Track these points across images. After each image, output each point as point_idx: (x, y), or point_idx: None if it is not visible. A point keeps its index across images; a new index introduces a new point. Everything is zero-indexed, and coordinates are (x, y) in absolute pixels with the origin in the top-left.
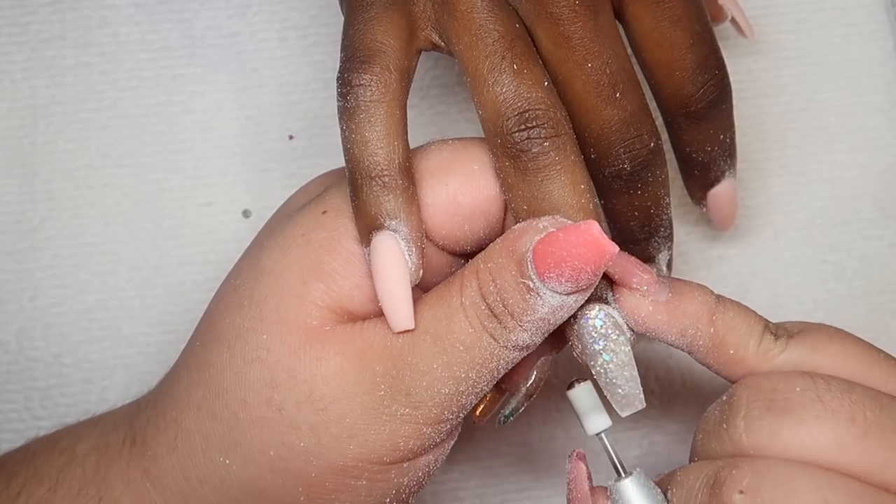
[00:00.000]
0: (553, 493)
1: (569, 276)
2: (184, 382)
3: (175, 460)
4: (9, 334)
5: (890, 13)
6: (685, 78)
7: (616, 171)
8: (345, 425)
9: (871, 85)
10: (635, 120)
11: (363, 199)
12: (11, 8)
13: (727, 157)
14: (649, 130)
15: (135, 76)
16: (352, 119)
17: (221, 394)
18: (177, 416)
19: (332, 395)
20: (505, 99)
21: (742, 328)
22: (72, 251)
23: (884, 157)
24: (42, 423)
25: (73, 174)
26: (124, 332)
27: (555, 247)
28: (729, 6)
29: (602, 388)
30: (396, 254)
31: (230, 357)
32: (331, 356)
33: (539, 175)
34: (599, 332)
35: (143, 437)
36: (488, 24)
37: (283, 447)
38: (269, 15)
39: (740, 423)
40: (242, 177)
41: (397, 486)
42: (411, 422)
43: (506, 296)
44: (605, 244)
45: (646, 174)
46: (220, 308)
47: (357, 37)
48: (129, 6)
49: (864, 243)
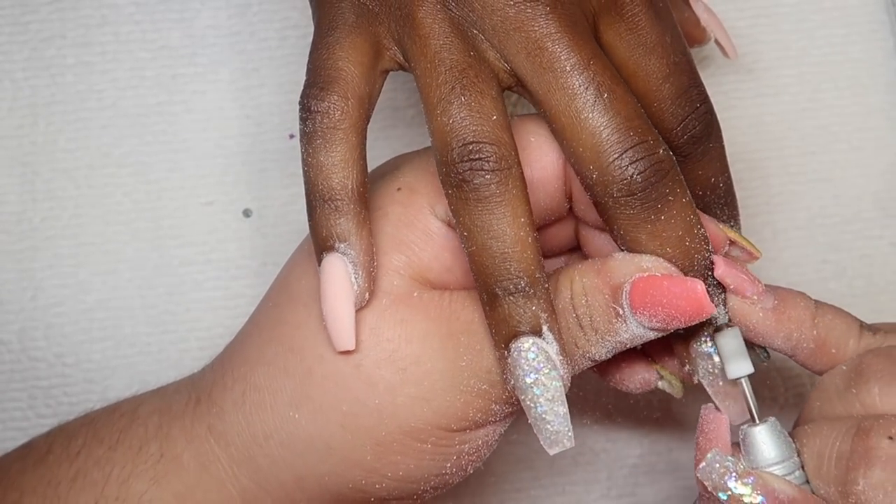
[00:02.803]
0: (553, 492)
1: (661, 319)
2: (255, 341)
3: (241, 416)
4: (11, 334)
5: (890, 13)
6: (664, 109)
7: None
8: (422, 388)
9: (871, 85)
10: (633, 124)
11: (316, 220)
12: (12, 7)
13: (724, 206)
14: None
15: (135, 75)
16: (310, 143)
17: (297, 350)
18: (246, 372)
19: (413, 357)
20: (451, 129)
21: (841, 328)
22: (72, 251)
23: (884, 157)
24: (45, 420)
25: (73, 173)
26: (125, 332)
27: (656, 290)
28: (712, 27)
29: (531, 423)
30: (342, 276)
31: (307, 315)
32: (418, 320)
33: (479, 206)
34: (532, 364)
35: (208, 396)
36: (442, 52)
37: (356, 403)
38: (269, 14)
39: (874, 388)
40: (243, 176)
41: (458, 453)
42: (484, 397)
43: (595, 313)
44: (706, 305)
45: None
46: (295, 272)
47: (319, 61)
48: (130, 5)
49: (865, 243)
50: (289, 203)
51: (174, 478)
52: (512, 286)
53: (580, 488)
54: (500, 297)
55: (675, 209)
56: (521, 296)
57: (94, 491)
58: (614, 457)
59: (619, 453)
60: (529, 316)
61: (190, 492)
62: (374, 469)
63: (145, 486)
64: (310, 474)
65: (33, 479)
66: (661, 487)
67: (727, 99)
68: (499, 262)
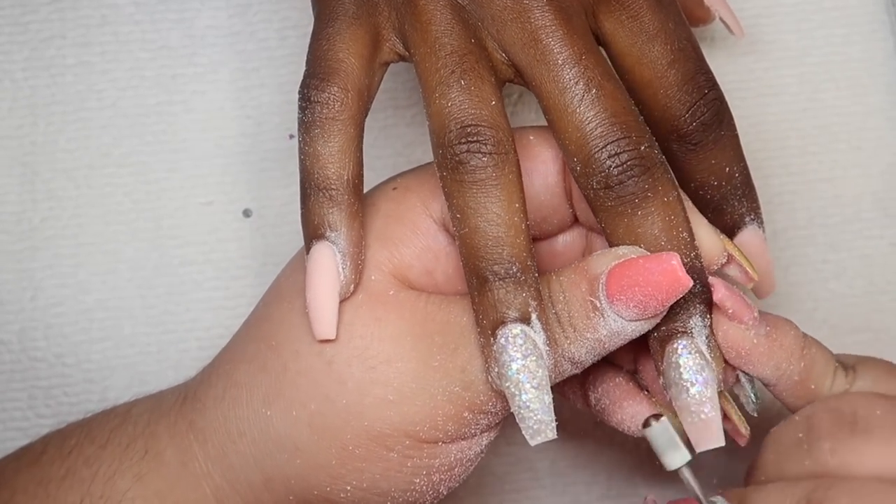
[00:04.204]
0: (552, 492)
1: (637, 302)
2: (241, 338)
3: (220, 412)
4: (11, 334)
5: (890, 13)
6: (670, 97)
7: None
8: (390, 388)
9: (871, 85)
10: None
11: (309, 208)
12: (12, 7)
13: (742, 199)
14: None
15: (135, 75)
16: (308, 132)
17: (275, 346)
18: (229, 369)
19: (384, 356)
20: (450, 112)
21: (821, 363)
22: (72, 251)
23: (884, 157)
24: (45, 420)
25: (73, 173)
26: (125, 332)
27: (632, 270)
28: (716, 6)
29: (514, 412)
30: (330, 264)
31: (289, 311)
32: (391, 319)
33: (474, 188)
34: (520, 350)
35: (194, 393)
36: (443, 38)
37: (325, 402)
38: (269, 14)
39: (825, 446)
40: (243, 176)
41: (428, 468)
42: (456, 402)
43: (572, 308)
44: (682, 276)
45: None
46: (286, 271)
47: (319, 52)
48: (130, 5)
49: (865, 243)
50: (289, 203)
51: (156, 475)
52: (503, 271)
53: (580, 489)
54: (490, 281)
55: (653, 206)
56: (512, 281)
57: (80, 489)
58: (614, 458)
59: (620, 454)
60: (519, 302)
61: (170, 489)
62: (340, 475)
63: (129, 484)
64: (277, 475)
65: (26, 478)
66: (662, 489)
67: (728, 98)
68: (492, 245)
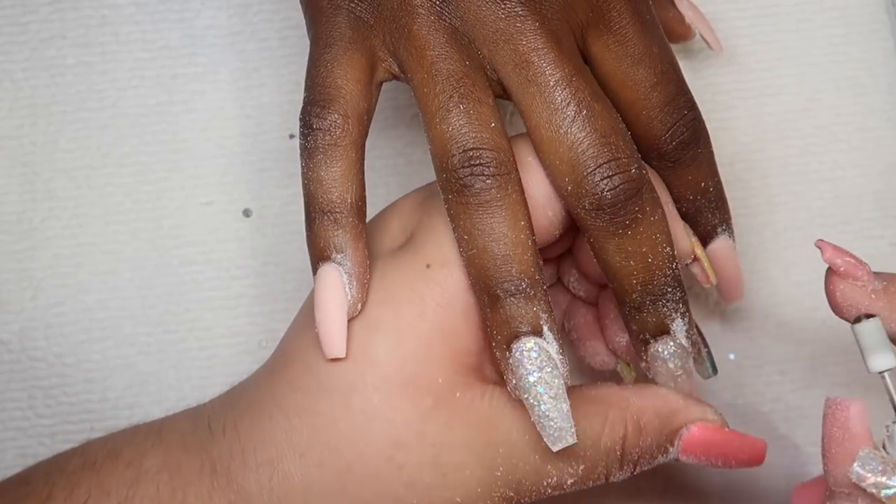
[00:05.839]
0: None
1: (708, 460)
2: (280, 424)
3: (268, 499)
4: (11, 334)
5: (890, 13)
6: (652, 117)
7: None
8: (458, 492)
9: (871, 85)
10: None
11: (314, 231)
12: (12, 7)
13: (715, 210)
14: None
15: (135, 75)
16: (311, 158)
17: (334, 445)
18: (272, 458)
19: (454, 464)
20: (451, 136)
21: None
22: (72, 251)
23: (884, 157)
24: (45, 420)
25: (73, 174)
26: (125, 332)
27: (719, 441)
28: (697, 24)
29: (534, 423)
30: (337, 285)
31: (346, 411)
32: (460, 426)
33: (480, 209)
34: (535, 363)
35: (226, 470)
36: (439, 63)
37: (392, 500)
38: (269, 14)
39: None
40: (243, 176)
41: None
42: (508, 501)
43: (645, 452)
44: (763, 457)
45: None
46: (321, 355)
47: (318, 79)
48: (130, 5)
49: (865, 243)
50: (289, 203)
51: None
52: (513, 287)
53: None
54: (501, 298)
55: (641, 227)
56: (523, 297)
57: None
58: None
59: None
60: (531, 317)
61: None
62: None
63: None
64: None
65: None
66: (662, 489)
67: (728, 99)
68: (500, 263)
